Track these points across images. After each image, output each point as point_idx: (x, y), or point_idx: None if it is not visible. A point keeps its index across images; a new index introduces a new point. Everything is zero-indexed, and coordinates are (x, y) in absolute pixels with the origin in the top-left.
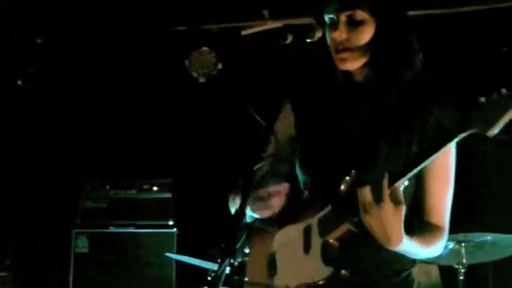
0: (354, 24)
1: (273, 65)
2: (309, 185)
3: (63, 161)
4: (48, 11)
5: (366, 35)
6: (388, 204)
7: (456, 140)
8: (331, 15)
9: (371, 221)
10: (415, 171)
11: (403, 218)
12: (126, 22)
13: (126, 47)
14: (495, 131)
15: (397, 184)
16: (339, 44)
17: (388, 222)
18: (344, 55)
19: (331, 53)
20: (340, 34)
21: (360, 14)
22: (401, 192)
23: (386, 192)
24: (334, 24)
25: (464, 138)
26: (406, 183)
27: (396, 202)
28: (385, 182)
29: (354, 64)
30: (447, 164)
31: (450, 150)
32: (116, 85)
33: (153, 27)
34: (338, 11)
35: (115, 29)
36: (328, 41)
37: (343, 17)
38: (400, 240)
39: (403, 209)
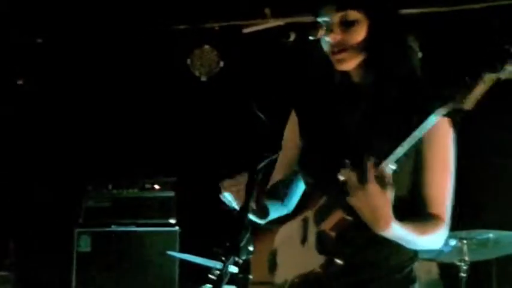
0: (347, 25)
1: (275, 63)
2: (309, 183)
3: (65, 161)
4: (48, 11)
5: (360, 34)
6: (373, 186)
7: (436, 115)
8: (324, 18)
9: (358, 203)
10: (398, 151)
11: (391, 200)
12: (127, 21)
13: (128, 46)
14: (471, 104)
15: (382, 165)
16: (335, 46)
17: (376, 204)
18: (341, 56)
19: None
20: (335, 36)
21: (353, 14)
22: (388, 175)
23: (372, 174)
24: (328, 27)
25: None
26: (394, 167)
27: (383, 185)
28: (370, 164)
29: (350, 64)
30: (446, 157)
31: (449, 143)
32: (117, 84)
33: (154, 26)
34: (331, 14)
35: (116, 28)
36: (323, 43)
37: (336, 19)
38: (388, 223)
39: (391, 192)
